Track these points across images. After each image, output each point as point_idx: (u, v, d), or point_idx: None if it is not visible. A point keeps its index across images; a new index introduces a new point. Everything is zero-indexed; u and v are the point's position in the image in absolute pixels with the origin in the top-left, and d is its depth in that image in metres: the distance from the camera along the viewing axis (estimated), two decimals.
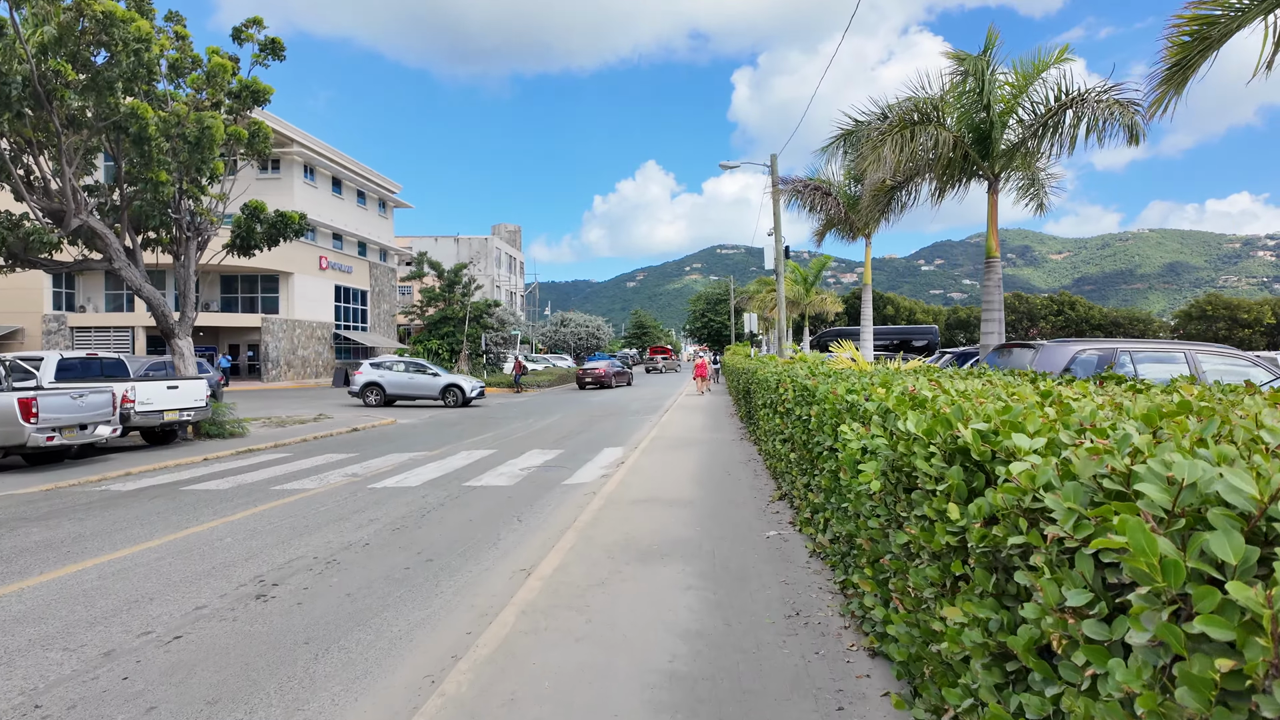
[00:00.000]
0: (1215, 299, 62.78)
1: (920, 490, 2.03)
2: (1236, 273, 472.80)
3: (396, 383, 23.82)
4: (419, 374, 23.86)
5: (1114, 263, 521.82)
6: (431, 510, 7.37)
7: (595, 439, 13.65)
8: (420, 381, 23.73)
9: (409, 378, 23.86)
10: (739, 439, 12.45)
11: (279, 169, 43.01)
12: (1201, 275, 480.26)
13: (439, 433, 15.50)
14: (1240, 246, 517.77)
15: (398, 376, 23.91)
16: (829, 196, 16.55)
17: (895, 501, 2.34)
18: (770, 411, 7.19)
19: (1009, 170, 9.49)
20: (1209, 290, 74.30)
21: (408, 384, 23.79)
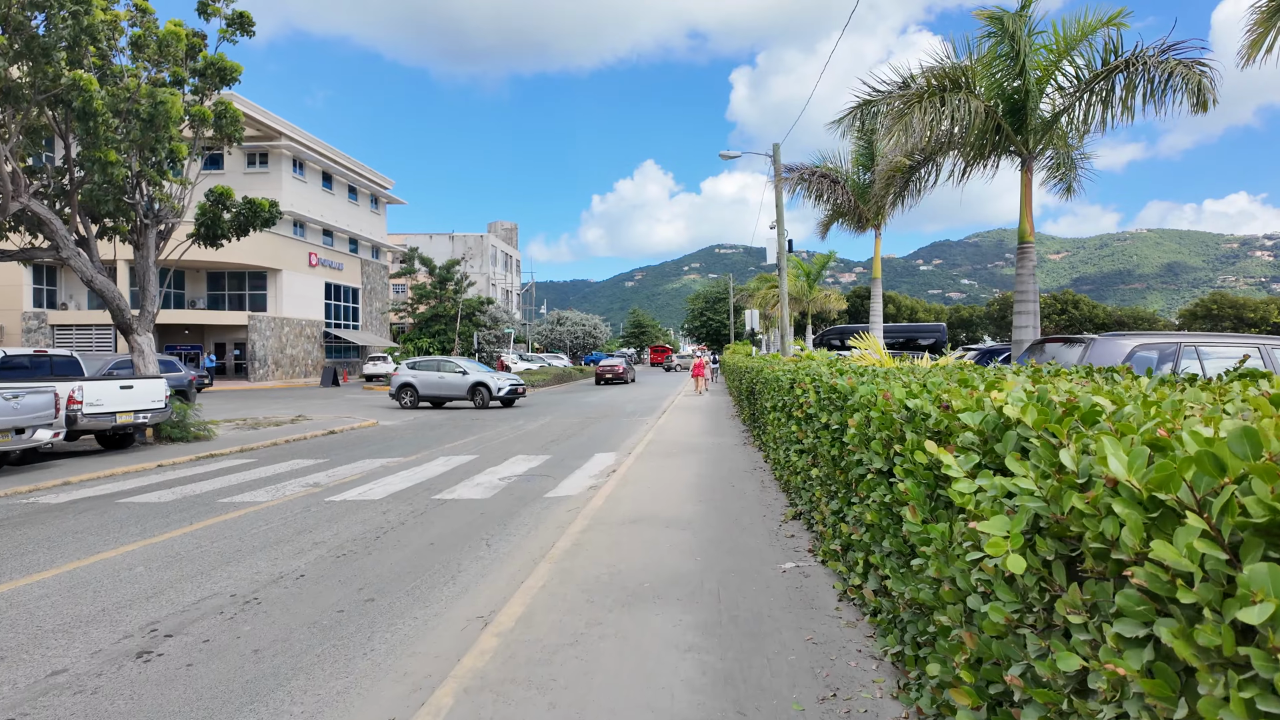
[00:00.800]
0: (1221, 298, 61.85)
1: (1133, 593, 1.04)
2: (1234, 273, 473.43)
3: (427, 383, 21.67)
4: (448, 372, 21.61)
5: (1112, 263, 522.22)
6: (389, 530, 6.36)
7: (586, 443, 12.65)
8: (449, 380, 21.47)
9: (438, 376, 21.67)
10: (742, 443, 11.45)
11: (267, 163, 41.95)
12: (1199, 275, 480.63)
13: (420, 436, 14.49)
14: (1238, 246, 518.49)
15: (428, 376, 21.75)
16: (837, 185, 15.57)
17: (1051, 596, 1.34)
18: (782, 416, 6.20)
19: (1044, 146, 8.47)
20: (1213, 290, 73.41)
21: (437, 383, 21.60)
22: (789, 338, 21.55)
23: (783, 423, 6.17)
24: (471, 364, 22.36)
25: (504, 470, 9.63)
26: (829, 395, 3.98)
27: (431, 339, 33.15)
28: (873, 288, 15.98)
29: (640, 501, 6.86)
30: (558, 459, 10.71)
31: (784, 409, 6.14)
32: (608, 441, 12.87)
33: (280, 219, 14.36)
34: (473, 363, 22.54)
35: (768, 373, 8.34)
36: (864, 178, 15.94)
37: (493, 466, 9.99)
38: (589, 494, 7.76)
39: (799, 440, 5.20)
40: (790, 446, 5.71)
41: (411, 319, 34.11)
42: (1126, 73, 7.45)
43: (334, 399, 27.05)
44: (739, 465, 9.10)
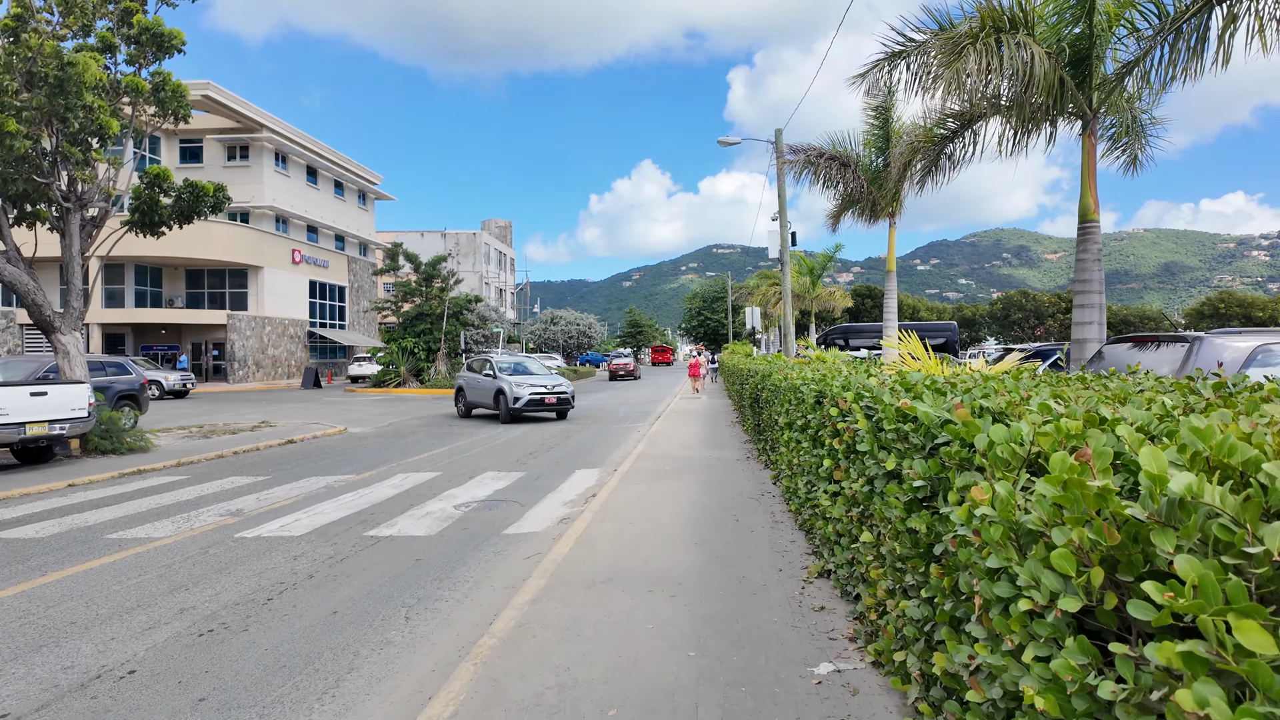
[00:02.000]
0: (1229, 296, 60.55)
1: None
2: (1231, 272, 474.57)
3: (473, 387, 18.67)
4: (487, 376, 18.27)
5: (1109, 263, 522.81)
6: (290, 588, 4.87)
7: (567, 456, 11.16)
8: (483, 385, 18.18)
9: (476, 379, 18.64)
10: (744, 458, 9.98)
11: (248, 156, 40.41)
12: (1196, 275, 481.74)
13: (388, 446, 12.99)
14: (1235, 246, 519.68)
15: (475, 379, 18.68)
16: (848, 168, 14.10)
17: None
18: (803, 439, 4.72)
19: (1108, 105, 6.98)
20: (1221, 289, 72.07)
21: (475, 387, 18.56)
22: (792, 337, 20.12)
23: (804, 448, 4.70)
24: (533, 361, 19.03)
25: (465, 493, 8.13)
26: (897, 427, 2.49)
27: (417, 338, 31.62)
28: (886, 282, 14.52)
29: (619, 545, 5.38)
30: (531, 477, 9.22)
31: (806, 430, 4.67)
32: (592, 454, 11.39)
33: (227, 204, 12.84)
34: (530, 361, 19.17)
35: (778, 379, 6.87)
36: (877, 162, 14.48)
37: (453, 488, 8.50)
38: (558, 530, 6.28)
39: (833, 478, 3.72)
40: (818, 483, 4.24)
41: (396, 317, 32.56)
42: (1228, 3, 6.00)
43: (311, 402, 25.53)
44: (743, 488, 7.62)
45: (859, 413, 3.00)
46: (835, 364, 6.81)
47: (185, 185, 12.37)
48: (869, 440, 2.82)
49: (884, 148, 14.27)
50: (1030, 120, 6.91)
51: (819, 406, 4.24)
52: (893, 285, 14.42)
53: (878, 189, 14.22)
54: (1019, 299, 66.63)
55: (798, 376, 5.28)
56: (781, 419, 5.92)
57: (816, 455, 4.23)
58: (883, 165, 14.38)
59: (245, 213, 40.70)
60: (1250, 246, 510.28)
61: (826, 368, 5.80)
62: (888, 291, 14.51)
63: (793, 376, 5.58)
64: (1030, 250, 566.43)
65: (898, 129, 14.21)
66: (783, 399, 5.85)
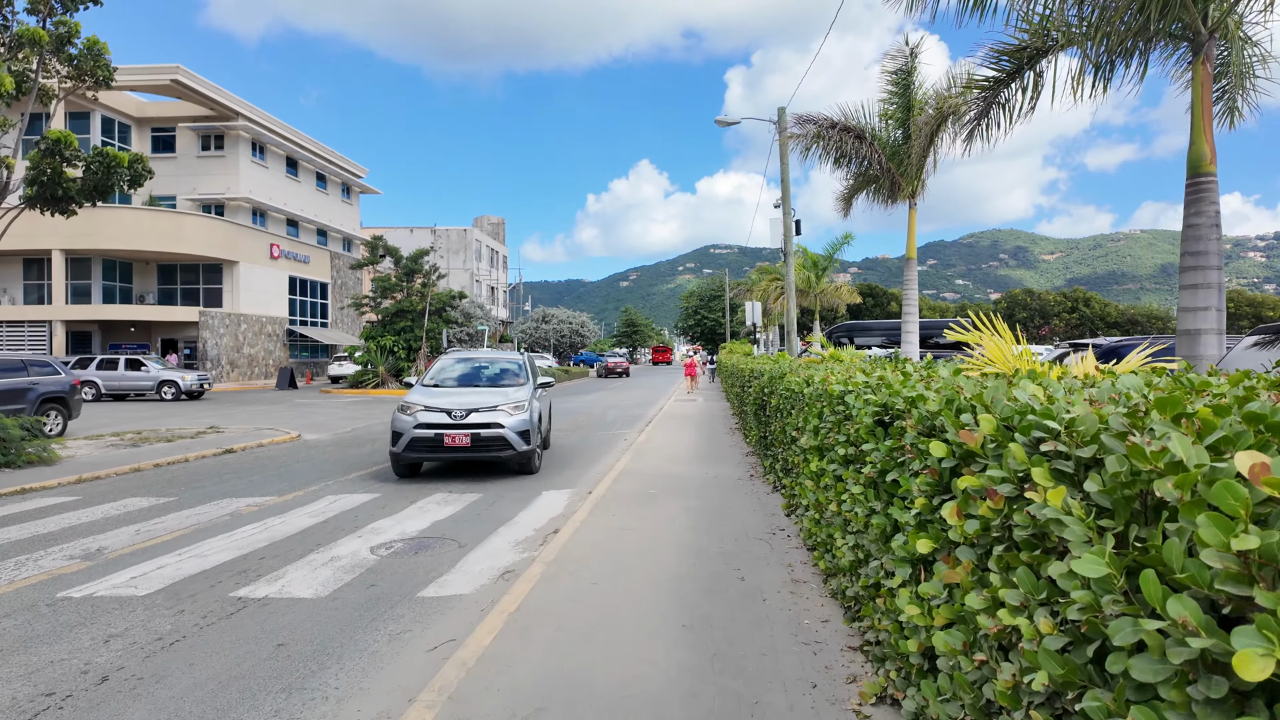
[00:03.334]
0: (1238, 296, 59.09)
1: None
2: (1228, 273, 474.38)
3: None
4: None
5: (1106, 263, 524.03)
6: (39, 715, 3.16)
7: (538, 472, 9.46)
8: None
9: None
10: (747, 475, 8.29)
11: (222, 146, 38.57)
12: None
13: (335, 457, 11.27)
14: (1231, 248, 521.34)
15: None
16: (863, 141, 12.41)
17: None
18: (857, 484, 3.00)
19: (1222, 21, 5.25)
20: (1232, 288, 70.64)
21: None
22: (795, 334, 18.44)
23: (853, 495, 2.98)
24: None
25: (395, 526, 6.41)
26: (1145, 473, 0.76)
27: (396, 336, 29.87)
28: (906, 270, 12.84)
29: (570, 629, 3.68)
30: (487, 501, 7.51)
31: (855, 465, 2.97)
32: (567, 469, 9.67)
33: (147, 178, 11.11)
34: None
35: (794, 383, 5.18)
36: (896, 135, 12.80)
37: (384, 518, 6.78)
38: (494, 592, 4.56)
39: (924, 567, 2.01)
40: (881, 555, 2.54)
41: (375, 314, 30.81)
42: None
43: (280, 405, 23.75)
44: (747, 523, 5.93)
45: (1042, 473, 1.29)
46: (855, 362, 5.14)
47: (95, 154, 10.63)
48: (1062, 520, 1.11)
49: (904, 119, 12.60)
50: (1121, 46, 5.27)
51: (885, 433, 2.54)
52: (913, 275, 12.75)
53: (897, 165, 12.55)
54: (1023, 298, 65.07)
55: (834, 380, 3.58)
56: (804, 439, 4.22)
57: (879, 514, 2.52)
58: (902, 139, 12.71)
59: (220, 205, 38.90)
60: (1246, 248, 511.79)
61: (861, 368, 4.13)
62: (907, 282, 12.84)
63: (824, 380, 3.88)
64: (1028, 251, 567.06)
65: (919, 98, 12.55)
66: (808, 411, 4.16)
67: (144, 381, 25.12)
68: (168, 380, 25.06)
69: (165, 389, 25.04)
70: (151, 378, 25.11)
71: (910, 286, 12.76)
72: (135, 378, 25.12)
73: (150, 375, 25.15)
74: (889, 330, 24.58)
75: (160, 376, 25.12)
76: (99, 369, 25.32)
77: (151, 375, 25.14)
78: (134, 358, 25.63)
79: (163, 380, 25.08)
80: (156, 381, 25.01)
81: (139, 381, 25.13)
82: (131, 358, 25.56)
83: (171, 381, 25.05)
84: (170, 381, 25.05)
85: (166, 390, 25.03)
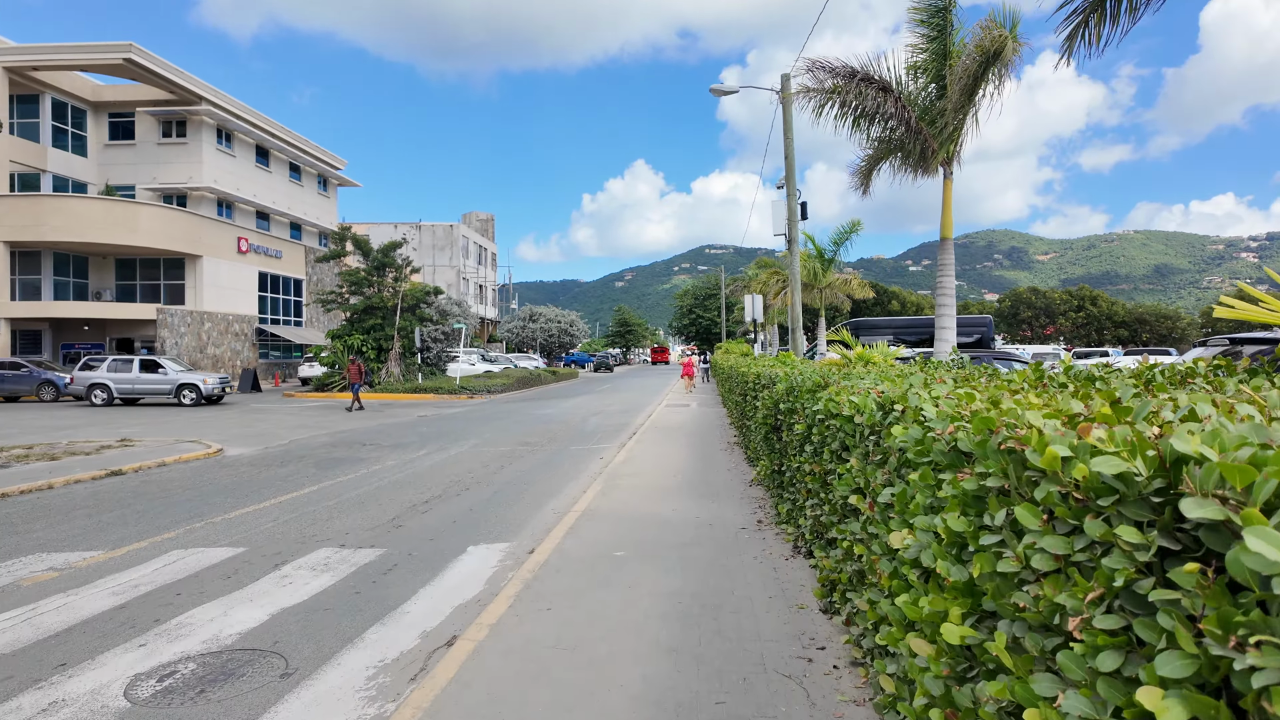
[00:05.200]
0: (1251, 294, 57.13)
1: None
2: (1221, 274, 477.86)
3: None
4: None
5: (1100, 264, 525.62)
6: None
7: (478, 510, 7.19)
8: None
9: None
10: (754, 522, 6.05)
11: (184, 133, 36.12)
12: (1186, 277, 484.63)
13: (236, 485, 8.99)
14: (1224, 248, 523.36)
15: None
16: (888, 96, 10.19)
17: None
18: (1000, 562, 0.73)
19: None
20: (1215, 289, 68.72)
21: None
22: (800, 332, 16.24)
23: None
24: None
25: (211, 624, 4.15)
26: None
27: (365, 335, 27.53)
28: (941, 254, 10.63)
29: None
30: (382, 566, 5.24)
31: None
32: (516, 506, 7.41)
33: None
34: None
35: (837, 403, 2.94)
36: (930, 90, 10.60)
37: (208, 604, 4.51)
38: None
39: None
40: None
41: (343, 311, 28.49)
42: None
43: (233, 409, 21.39)
44: (762, 628, 3.69)
45: None
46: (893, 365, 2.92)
47: None
48: None
49: (938, 69, 10.40)
50: None
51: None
52: (949, 259, 10.54)
53: (930, 125, 10.35)
54: (1028, 296, 63.04)
55: (947, 406, 1.34)
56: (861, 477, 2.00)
57: None
58: (936, 94, 10.51)
59: (182, 195, 36.49)
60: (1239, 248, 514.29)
61: (939, 378, 1.90)
62: (942, 267, 10.62)
63: (903, 402, 1.66)
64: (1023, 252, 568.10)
65: (956, 46, 10.36)
66: (886, 460, 1.95)
67: (161, 385, 22.43)
68: (188, 384, 22.35)
69: (185, 393, 22.34)
70: (169, 381, 22.40)
71: (946, 272, 10.54)
72: (151, 380, 22.43)
73: (168, 378, 22.44)
74: (900, 328, 22.40)
75: (179, 380, 22.42)
76: (110, 370, 22.57)
77: (169, 378, 22.43)
78: (150, 359, 22.96)
79: (182, 384, 22.38)
80: (175, 385, 22.34)
81: (155, 385, 22.42)
82: (148, 359, 22.88)
83: (192, 385, 22.34)
84: (190, 385, 22.35)
85: (186, 394, 22.32)
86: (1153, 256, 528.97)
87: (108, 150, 36.17)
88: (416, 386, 26.59)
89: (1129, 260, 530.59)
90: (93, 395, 22.35)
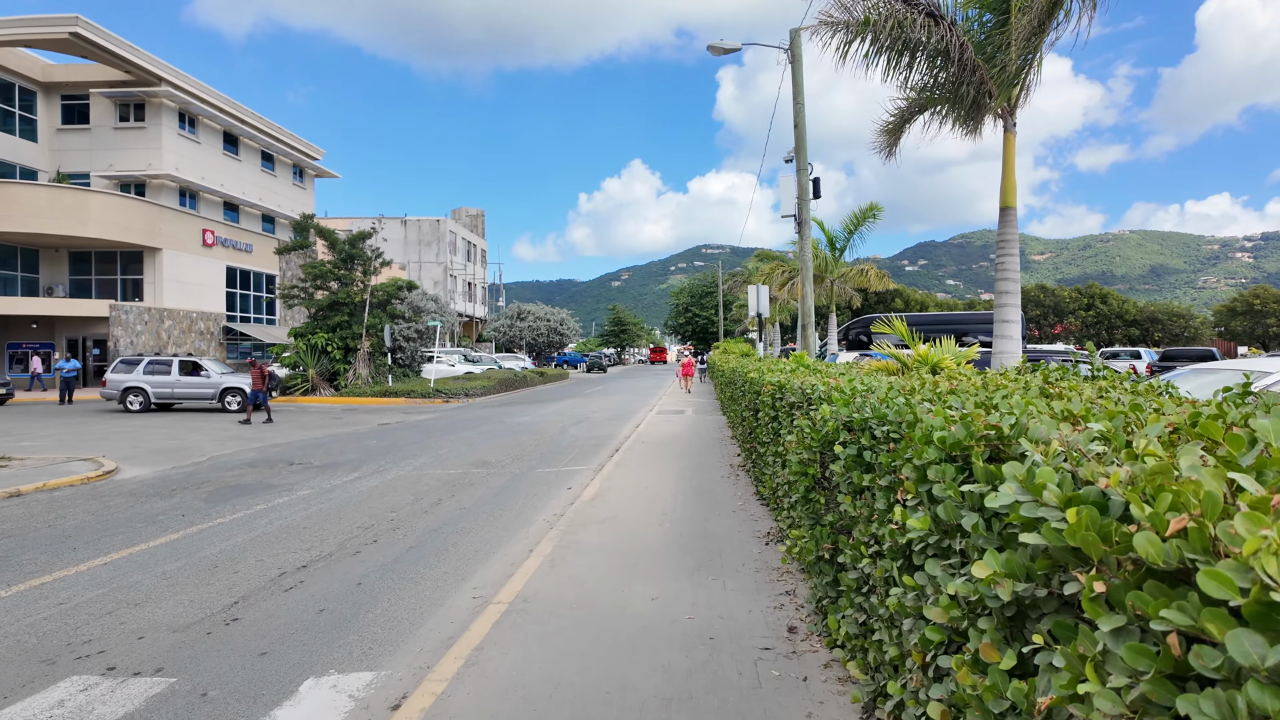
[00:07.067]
0: (1265, 292, 55.28)
1: None
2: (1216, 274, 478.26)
3: None
4: None
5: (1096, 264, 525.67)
6: None
7: (357, 592, 4.86)
8: None
9: None
10: (780, 618, 3.79)
11: (143, 117, 33.61)
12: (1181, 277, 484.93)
13: (118, 516, 6.69)
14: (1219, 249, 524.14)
15: None
16: (936, 22, 7.95)
17: None
18: None
19: None
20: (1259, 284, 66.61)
21: None
22: (812, 327, 13.99)
23: None
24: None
25: None
26: None
27: (330, 334, 25.18)
28: (1001, 226, 8.36)
29: None
30: (187, 700, 2.95)
31: None
32: (422, 583, 5.11)
33: None
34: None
35: None
36: (987, 20, 8.36)
37: None
38: None
39: None
40: None
41: (305, 308, 26.12)
42: None
43: (165, 416, 18.99)
44: None
45: None
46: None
47: None
48: None
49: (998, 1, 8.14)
50: None
51: None
52: (1011, 233, 8.29)
53: (989, 64, 8.12)
54: (1036, 294, 60.98)
55: None
56: None
57: None
58: (994, 23, 8.25)
59: (141, 183, 34.00)
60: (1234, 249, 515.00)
61: None
62: (1003, 243, 8.37)
63: None
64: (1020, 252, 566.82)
65: None
66: None
67: (203, 389, 20.07)
68: (233, 388, 19.99)
69: (230, 398, 19.99)
70: (213, 385, 20.04)
71: (1009, 249, 8.27)
72: (192, 384, 20.07)
73: (211, 382, 20.06)
74: (920, 325, 20.21)
75: (223, 383, 20.05)
76: (147, 373, 19.98)
77: (213, 382, 20.05)
78: (191, 360, 20.42)
79: (227, 388, 20.02)
80: (218, 389, 20.00)
81: (197, 389, 20.06)
82: (187, 360, 20.35)
83: (237, 389, 19.96)
84: (235, 389, 19.98)
85: (231, 400, 19.96)
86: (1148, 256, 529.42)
87: (60, 135, 33.68)
88: (386, 389, 24.28)
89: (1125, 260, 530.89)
90: (128, 401, 19.94)
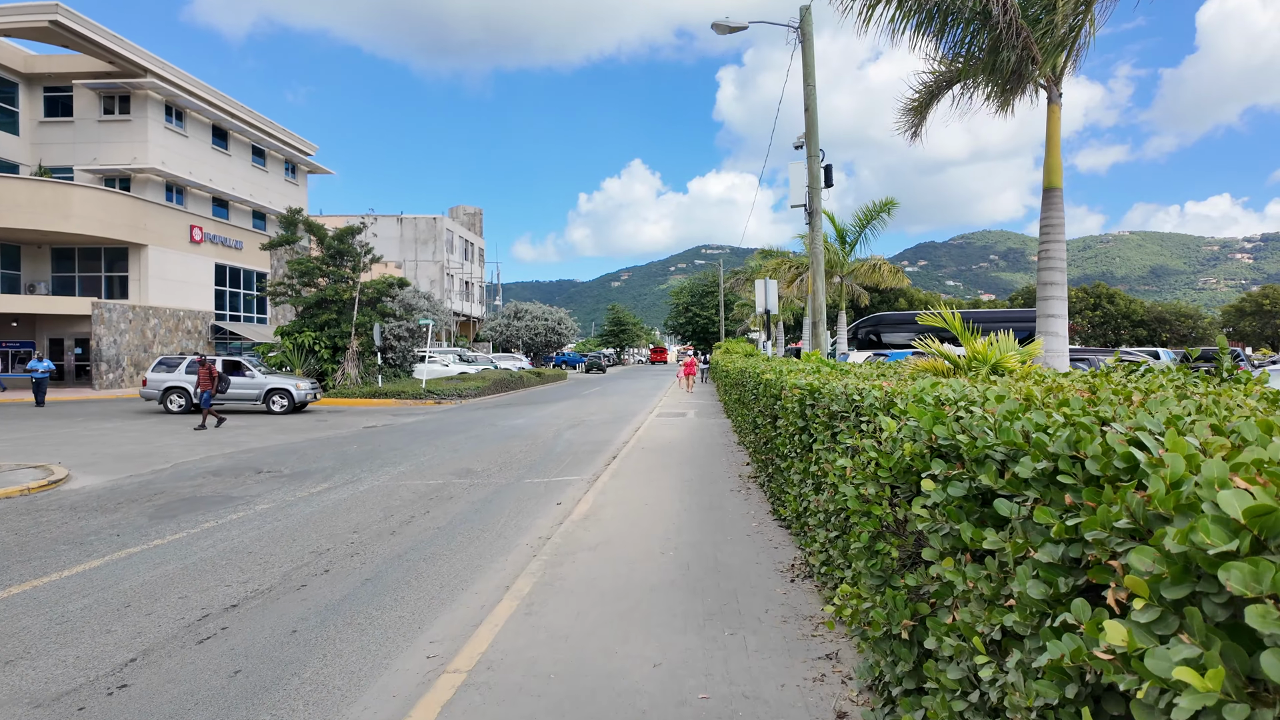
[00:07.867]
0: (1275, 292, 54.37)
1: None
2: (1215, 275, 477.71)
3: None
4: None
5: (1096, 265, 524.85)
6: None
7: (277, 654, 3.90)
8: None
9: None
10: (826, 695, 2.85)
11: (128, 109, 32.66)
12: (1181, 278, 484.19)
13: (30, 540, 5.74)
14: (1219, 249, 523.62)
15: None
16: None
17: None
18: None
19: None
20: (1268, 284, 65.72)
21: None
22: (824, 326, 13.07)
23: None
24: None
25: None
26: None
27: (318, 332, 24.22)
28: (1045, 208, 7.41)
29: None
30: None
31: None
32: (367, 632, 4.16)
33: None
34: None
35: None
36: None
37: None
38: None
39: None
40: None
41: (292, 305, 25.17)
42: None
43: (139, 420, 18.04)
44: None
45: None
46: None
47: None
48: None
49: None
50: None
51: None
52: (1058, 216, 7.36)
53: (1034, 27, 7.19)
54: None
55: None
56: None
57: None
58: None
59: (125, 178, 33.04)
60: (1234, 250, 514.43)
61: None
62: (1048, 228, 7.45)
63: None
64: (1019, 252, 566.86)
65: None
66: None
67: (248, 390, 19.37)
68: (277, 389, 19.33)
69: (275, 399, 19.31)
70: (257, 385, 19.38)
71: (1055, 235, 7.34)
72: (237, 385, 19.35)
73: (256, 382, 19.39)
74: None
75: (268, 384, 19.37)
76: (190, 372, 19.18)
77: (257, 382, 19.39)
78: (233, 359, 19.64)
79: (272, 388, 19.35)
80: (264, 390, 19.34)
81: (241, 390, 19.34)
82: (231, 359, 19.74)
83: (283, 390, 19.31)
84: (281, 390, 19.32)
85: (276, 401, 19.28)
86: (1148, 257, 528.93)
87: (43, 128, 32.72)
88: (375, 390, 23.34)
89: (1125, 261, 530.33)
90: (168, 401, 19.15)
